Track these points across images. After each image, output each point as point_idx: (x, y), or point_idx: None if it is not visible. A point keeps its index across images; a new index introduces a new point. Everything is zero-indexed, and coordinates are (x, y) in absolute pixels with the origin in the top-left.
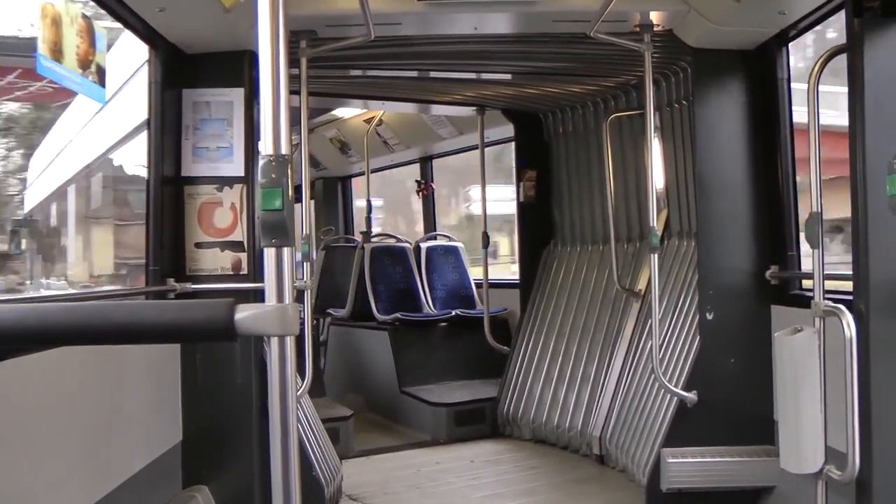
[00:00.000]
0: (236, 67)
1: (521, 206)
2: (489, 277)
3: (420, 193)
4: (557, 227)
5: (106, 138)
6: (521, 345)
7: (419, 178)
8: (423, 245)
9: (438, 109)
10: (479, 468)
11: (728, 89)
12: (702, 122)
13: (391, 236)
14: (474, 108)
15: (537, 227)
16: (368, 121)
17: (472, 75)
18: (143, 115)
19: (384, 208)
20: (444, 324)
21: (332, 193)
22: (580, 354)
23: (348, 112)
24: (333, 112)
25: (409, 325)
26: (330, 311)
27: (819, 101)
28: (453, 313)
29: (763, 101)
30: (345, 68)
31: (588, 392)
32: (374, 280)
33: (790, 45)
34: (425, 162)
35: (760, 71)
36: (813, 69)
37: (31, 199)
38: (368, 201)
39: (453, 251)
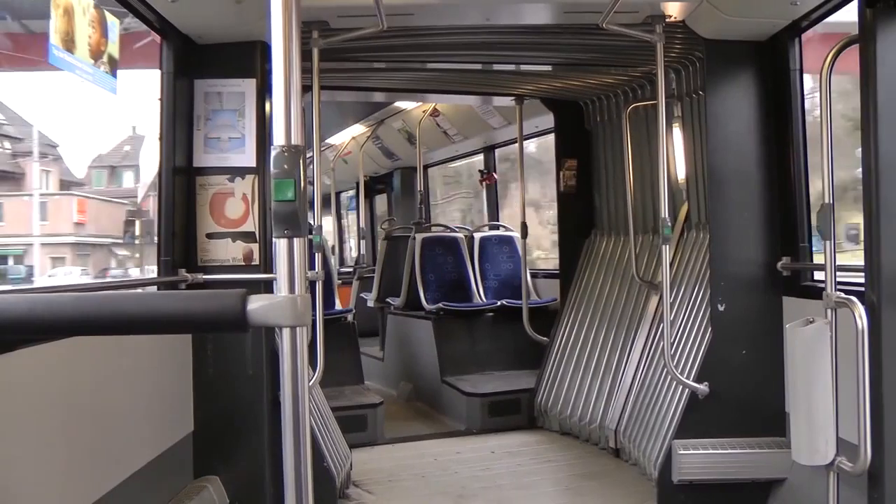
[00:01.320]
0: (248, 58)
1: (561, 196)
2: (540, 268)
3: (483, 183)
4: (598, 216)
5: None
6: (558, 336)
7: (482, 168)
8: (477, 235)
9: (475, 100)
10: (496, 459)
11: (740, 80)
12: (714, 114)
13: (445, 226)
14: (513, 97)
15: (578, 216)
16: (425, 112)
17: (505, 66)
18: None
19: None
20: (490, 314)
21: (410, 183)
22: (605, 346)
23: (409, 103)
24: (397, 103)
25: (452, 315)
26: (388, 299)
27: (831, 92)
28: (498, 303)
29: (775, 92)
30: (368, 61)
31: (608, 385)
32: (424, 269)
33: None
34: (488, 152)
35: (773, 62)
36: (825, 60)
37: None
38: (420, 192)
39: (509, 241)
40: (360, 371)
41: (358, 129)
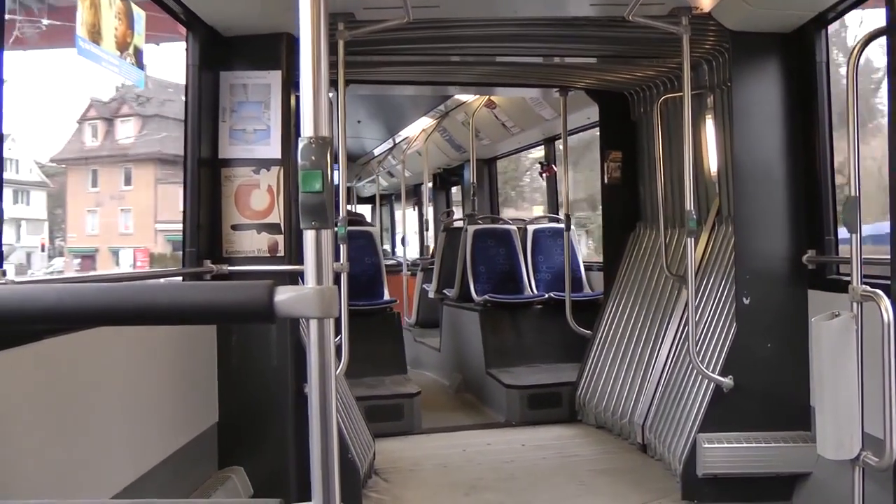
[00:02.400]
0: (273, 50)
1: (606, 188)
2: (595, 261)
3: (543, 175)
4: (643, 208)
5: None
6: (600, 329)
7: (541, 160)
8: (530, 227)
9: (514, 92)
10: (523, 452)
11: (766, 73)
12: (740, 106)
13: (497, 218)
14: (556, 89)
15: (623, 209)
16: (479, 104)
17: (537, 58)
18: None
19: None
20: (538, 306)
21: (480, 176)
22: (640, 339)
23: (467, 96)
24: (457, 96)
25: (499, 307)
26: (444, 290)
27: (858, 84)
28: (546, 296)
29: (801, 84)
30: (395, 54)
31: (640, 379)
32: (475, 261)
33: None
34: (548, 143)
35: (799, 54)
36: (853, 51)
37: None
38: (472, 183)
39: (563, 233)
40: (403, 361)
41: (426, 122)
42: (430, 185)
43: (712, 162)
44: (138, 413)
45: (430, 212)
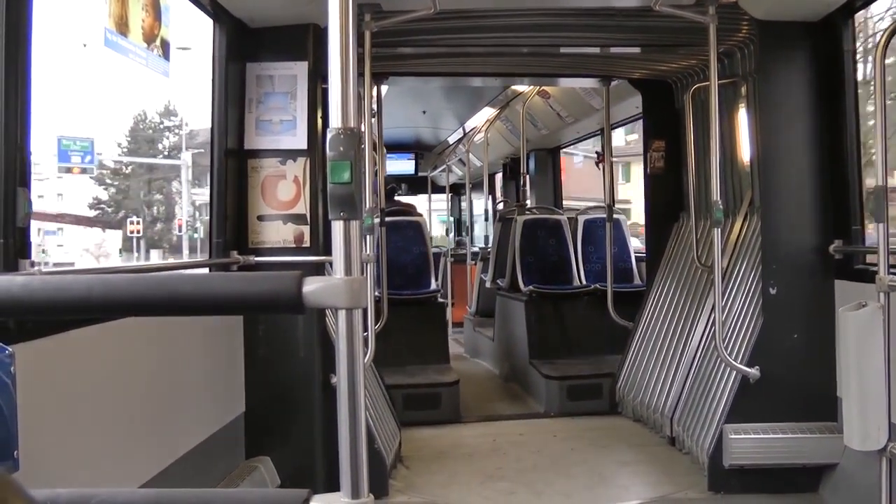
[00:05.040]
0: (300, 41)
1: (650, 178)
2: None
3: (599, 164)
4: (686, 198)
5: None
6: (642, 320)
7: (598, 150)
8: (581, 217)
9: (550, 82)
10: (553, 443)
11: (793, 62)
12: (766, 95)
13: (546, 208)
14: (599, 78)
15: (666, 199)
16: (530, 94)
17: (568, 48)
18: None
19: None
20: (585, 297)
21: (544, 165)
22: (675, 331)
23: (521, 86)
24: (514, 87)
25: (545, 297)
26: (498, 281)
27: (886, 73)
28: (591, 287)
29: (828, 73)
30: (423, 45)
31: (673, 371)
32: (524, 252)
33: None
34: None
35: (826, 43)
36: (880, 41)
37: None
38: (523, 174)
39: (615, 224)
40: (446, 350)
41: (489, 112)
42: (501, 174)
43: (745, 151)
44: (166, 403)
45: (488, 202)
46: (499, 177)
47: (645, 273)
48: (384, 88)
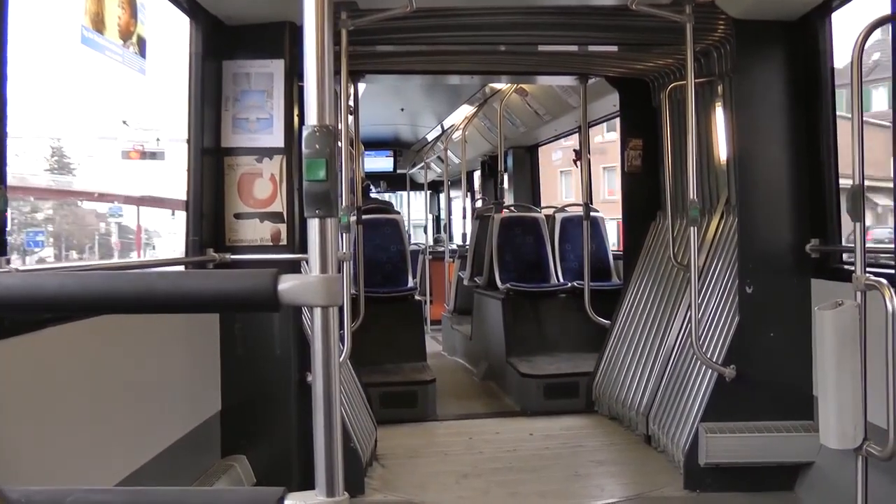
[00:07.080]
0: (276, 39)
1: (626, 176)
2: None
3: (576, 162)
4: (663, 197)
5: None
6: (618, 319)
7: (576, 148)
8: (558, 216)
9: (527, 79)
10: (528, 442)
11: (771, 61)
12: (743, 94)
13: (523, 206)
14: (576, 76)
15: (643, 197)
16: (506, 91)
17: (546, 46)
18: None
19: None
20: (561, 295)
21: (521, 163)
22: (651, 329)
23: (500, 84)
24: (492, 84)
25: (522, 295)
26: (475, 278)
27: (862, 73)
28: (569, 285)
29: (805, 73)
30: (400, 43)
31: (649, 369)
32: (501, 250)
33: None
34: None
35: (803, 43)
36: (857, 40)
37: None
38: (501, 172)
39: (592, 222)
40: (423, 348)
41: (468, 110)
42: (479, 172)
43: (722, 151)
44: (141, 401)
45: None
46: (477, 174)
47: (618, 271)
48: (361, 86)
